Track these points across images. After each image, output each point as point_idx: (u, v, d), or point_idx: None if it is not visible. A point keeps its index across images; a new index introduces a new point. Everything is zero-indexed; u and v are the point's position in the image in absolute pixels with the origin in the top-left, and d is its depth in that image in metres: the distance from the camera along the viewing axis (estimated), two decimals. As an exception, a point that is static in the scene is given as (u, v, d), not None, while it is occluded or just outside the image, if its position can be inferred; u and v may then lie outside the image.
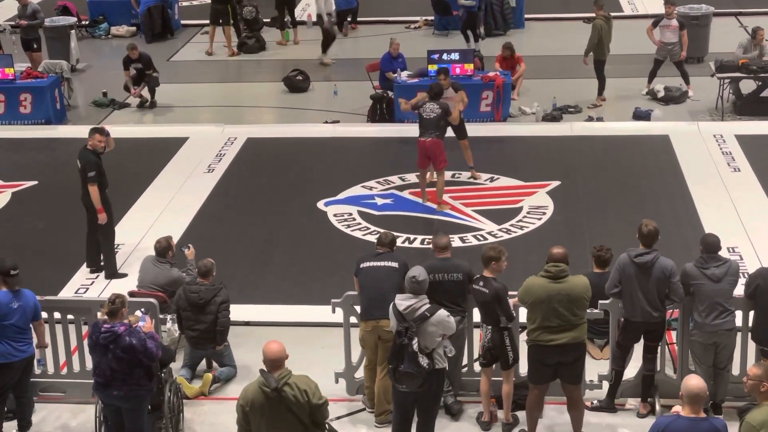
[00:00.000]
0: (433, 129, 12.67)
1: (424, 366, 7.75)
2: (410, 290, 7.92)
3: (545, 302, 8.11)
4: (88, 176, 11.20)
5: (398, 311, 7.85)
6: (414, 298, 7.88)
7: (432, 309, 7.84)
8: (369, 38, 21.53)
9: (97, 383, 8.06)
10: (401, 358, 7.77)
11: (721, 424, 6.69)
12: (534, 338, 8.23)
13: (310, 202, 13.52)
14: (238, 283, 11.27)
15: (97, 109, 17.80)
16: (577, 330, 8.18)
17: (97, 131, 11.46)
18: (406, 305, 7.84)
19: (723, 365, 8.62)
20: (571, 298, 8.11)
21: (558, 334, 8.13)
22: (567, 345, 8.14)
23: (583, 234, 12.24)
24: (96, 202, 11.26)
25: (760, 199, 13.09)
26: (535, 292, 8.17)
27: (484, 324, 8.58)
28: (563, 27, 22.18)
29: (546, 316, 8.12)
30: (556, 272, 8.14)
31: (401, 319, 7.82)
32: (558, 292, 8.09)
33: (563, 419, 8.61)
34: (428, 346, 7.77)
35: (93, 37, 22.79)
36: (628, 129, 15.88)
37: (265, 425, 7.00)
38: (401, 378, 7.82)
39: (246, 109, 17.84)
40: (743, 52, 16.31)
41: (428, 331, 7.78)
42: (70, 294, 11.21)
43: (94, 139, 11.35)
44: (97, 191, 11.23)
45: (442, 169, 12.89)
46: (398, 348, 7.81)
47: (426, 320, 7.78)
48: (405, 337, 7.76)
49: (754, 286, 8.56)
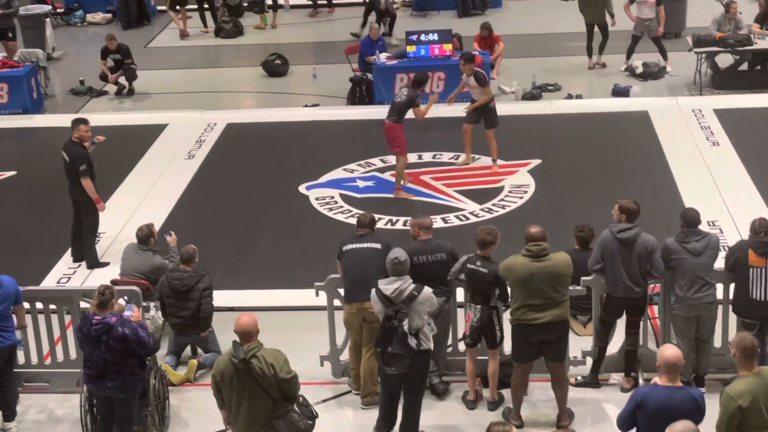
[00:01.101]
0: (394, 113, 12.63)
1: (413, 346, 7.78)
2: (393, 272, 7.93)
3: (527, 280, 8.13)
4: (80, 170, 11.11)
5: (384, 296, 7.85)
6: (399, 280, 7.89)
7: (418, 288, 7.88)
8: (348, 20, 21.45)
9: (89, 376, 7.99)
10: (389, 340, 7.79)
11: (697, 393, 6.78)
12: (518, 317, 8.26)
13: (292, 186, 13.50)
14: (222, 268, 11.25)
15: (75, 98, 17.69)
16: (560, 307, 8.22)
17: (82, 122, 11.37)
18: (393, 288, 7.85)
19: (705, 338, 8.69)
20: (553, 275, 8.14)
21: (541, 312, 8.16)
22: (550, 323, 8.18)
23: (564, 211, 12.28)
24: (92, 193, 11.22)
25: (739, 173, 13.15)
26: (517, 271, 8.19)
27: (472, 303, 8.60)
28: (541, 5, 22.17)
29: (529, 295, 8.15)
30: (538, 251, 8.16)
31: (389, 303, 7.82)
32: (540, 270, 8.12)
33: (548, 396, 8.65)
34: (418, 326, 7.80)
35: (68, 24, 22.65)
36: (607, 106, 15.92)
37: (235, 396, 7.10)
38: (390, 360, 7.82)
39: (225, 95, 17.77)
40: (717, 27, 16.34)
41: (417, 310, 7.82)
42: (52, 284, 11.16)
43: (79, 130, 11.25)
44: (90, 183, 11.19)
45: (397, 154, 12.83)
46: (388, 331, 7.81)
47: (414, 299, 7.81)
48: (395, 320, 7.77)
49: (734, 258, 8.62)
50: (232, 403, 7.18)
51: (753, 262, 8.49)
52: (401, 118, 12.65)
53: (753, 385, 6.63)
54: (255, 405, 7.11)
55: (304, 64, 18.76)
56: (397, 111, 12.64)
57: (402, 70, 16.16)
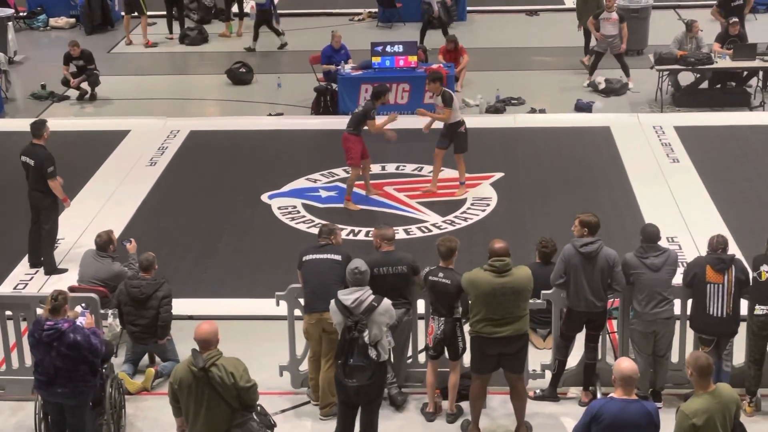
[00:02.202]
0: (351, 124, 12.69)
1: (374, 358, 7.77)
2: (353, 283, 7.92)
3: (490, 296, 8.15)
4: (48, 171, 11.04)
5: (344, 306, 7.82)
6: (359, 291, 7.87)
7: (377, 299, 7.87)
8: (313, 30, 21.46)
9: (39, 381, 7.91)
10: (350, 352, 7.76)
11: (651, 407, 6.82)
12: (477, 330, 8.27)
13: (254, 195, 13.45)
14: (182, 276, 11.18)
15: (36, 102, 17.52)
16: (520, 322, 8.24)
17: (44, 123, 11.33)
18: (353, 299, 7.83)
19: (662, 353, 8.75)
20: (515, 291, 8.16)
21: (501, 327, 8.18)
22: (509, 337, 8.20)
23: (525, 225, 12.35)
24: (60, 193, 11.19)
25: (698, 190, 13.30)
26: (479, 286, 8.20)
27: (436, 316, 8.59)
28: (506, 19, 22.34)
29: (490, 309, 8.17)
30: (501, 266, 8.18)
31: (348, 313, 7.80)
32: (503, 286, 8.14)
33: (506, 409, 8.67)
34: (377, 337, 7.78)
35: (31, 28, 22.44)
36: (570, 121, 16.04)
37: (193, 404, 7.05)
38: (352, 372, 7.78)
39: (189, 102, 17.68)
40: (678, 45, 16.54)
41: (377, 321, 7.80)
42: (9, 289, 11.02)
43: (47, 131, 11.23)
44: (58, 184, 11.15)
45: (350, 166, 12.86)
46: (348, 342, 7.78)
47: (374, 310, 7.79)
48: (355, 331, 7.75)
49: (692, 274, 8.70)
50: (189, 412, 7.13)
51: (710, 278, 8.58)
52: (356, 130, 12.67)
53: (708, 403, 6.67)
54: (213, 414, 7.06)
55: (268, 72, 18.73)
56: (354, 122, 12.69)
57: (367, 81, 16.17)
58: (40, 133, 11.22)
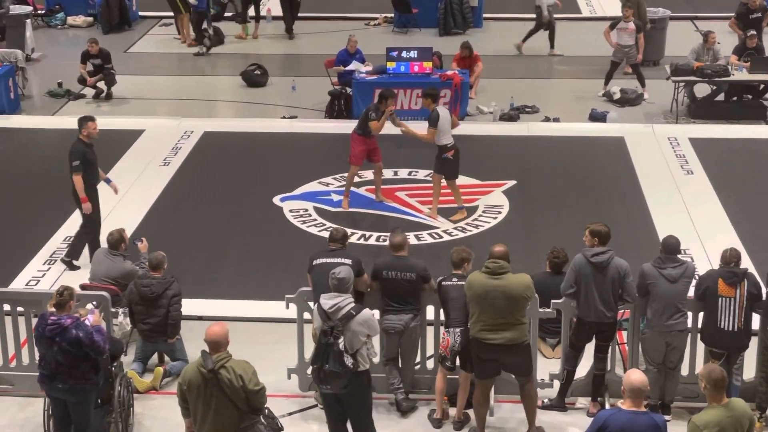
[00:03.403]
0: (358, 124, 12.88)
1: (349, 366, 7.64)
2: (333, 288, 7.82)
3: (481, 297, 8.13)
4: (72, 165, 10.99)
5: (323, 310, 7.74)
6: (338, 297, 7.76)
7: (357, 308, 7.74)
8: (329, 34, 21.49)
9: (43, 375, 7.95)
10: (326, 357, 7.67)
11: (659, 419, 6.78)
12: (474, 333, 8.25)
13: (266, 198, 13.47)
14: (192, 277, 11.19)
15: (52, 100, 17.59)
16: (515, 330, 8.15)
17: (90, 119, 11.28)
18: (331, 304, 7.73)
19: (673, 365, 8.70)
20: (507, 296, 8.11)
21: (495, 333, 8.13)
22: (503, 346, 8.14)
23: (537, 234, 12.32)
24: (80, 191, 11.06)
25: (711, 202, 13.25)
26: (473, 287, 8.21)
27: (453, 327, 8.51)
28: (522, 27, 22.28)
29: (483, 311, 8.15)
30: (494, 268, 8.17)
31: (326, 318, 7.72)
32: (495, 288, 8.11)
33: (516, 416, 8.65)
34: (353, 346, 7.66)
35: (49, 26, 22.53)
36: (584, 130, 16.01)
37: (201, 406, 7.05)
38: (326, 378, 7.68)
39: (203, 103, 17.73)
40: (695, 57, 16.50)
41: (353, 330, 7.67)
42: (21, 286, 11.06)
43: (88, 128, 11.19)
44: (80, 181, 11.02)
45: (351, 164, 12.93)
46: (323, 347, 7.68)
47: (351, 319, 7.68)
48: (331, 336, 7.65)
49: (703, 288, 8.66)
50: (197, 413, 7.14)
51: (722, 291, 8.53)
52: (360, 129, 12.78)
53: (721, 416, 6.65)
54: (221, 416, 7.07)
55: (283, 75, 18.76)
56: (359, 123, 12.87)
57: (381, 86, 16.16)
58: (80, 128, 11.25)
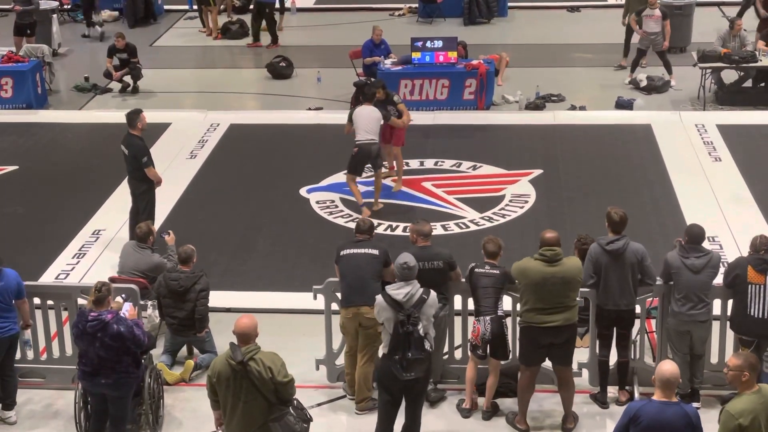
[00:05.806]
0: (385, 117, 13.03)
1: (428, 350, 7.81)
2: (402, 277, 7.88)
3: (540, 285, 8.18)
4: (143, 162, 11.31)
5: (395, 301, 7.77)
6: (408, 285, 7.85)
7: (426, 291, 7.88)
8: (353, 25, 21.48)
9: (84, 372, 7.99)
10: (407, 345, 7.73)
11: (691, 410, 6.75)
12: (527, 320, 8.29)
13: (293, 189, 13.50)
14: (220, 269, 11.25)
15: (79, 94, 17.70)
16: (570, 311, 8.25)
17: (140, 111, 11.51)
18: (404, 293, 7.79)
19: (698, 352, 8.67)
20: (565, 281, 8.19)
21: (552, 315, 8.20)
22: (560, 327, 8.21)
23: (564, 222, 12.26)
24: (156, 177, 11.46)
25: (740, 189, 13.15)
26: (530, 275, 8.23)
27: (483, 316, 8.52)
28: (547, 15, 22.21)
29: (540, 298, 8.19)
30: (552, 256, 8.21)
31: (399, 308, 7.76)
32: (553, 275, 8.16)
33: (549, 404, 8.65)
34: (427, 330, 7.82)
35: (75, 21, 22.65)
36: (610, 118, 15.92)
37: (231, 398, 7.08)
38: (411, 365, 7.73)
39: (229, 95, 17.78)
40: (722, 43, 16.35)
41: (426, 314, 7.82)
42: (51, 279, 11.16)
43: (141, 120, 11.40)
44: (154, 171, 11.44)
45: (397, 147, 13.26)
46: (404, 336, 7.73)
47: (424, 303, 7.80)
48: (409, 325, 7.72)
49: (733, 275, 8.60)
50: (227, 405, 7.17)
51: (752, 279, 8.47)
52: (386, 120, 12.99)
53: (754, 403, 6.61)
54: (250, 407, 7.10)
55: (308, 67, 18.78)
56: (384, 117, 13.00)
57: (406, 77, 16.17)
58: (134, 123, 11.39)
